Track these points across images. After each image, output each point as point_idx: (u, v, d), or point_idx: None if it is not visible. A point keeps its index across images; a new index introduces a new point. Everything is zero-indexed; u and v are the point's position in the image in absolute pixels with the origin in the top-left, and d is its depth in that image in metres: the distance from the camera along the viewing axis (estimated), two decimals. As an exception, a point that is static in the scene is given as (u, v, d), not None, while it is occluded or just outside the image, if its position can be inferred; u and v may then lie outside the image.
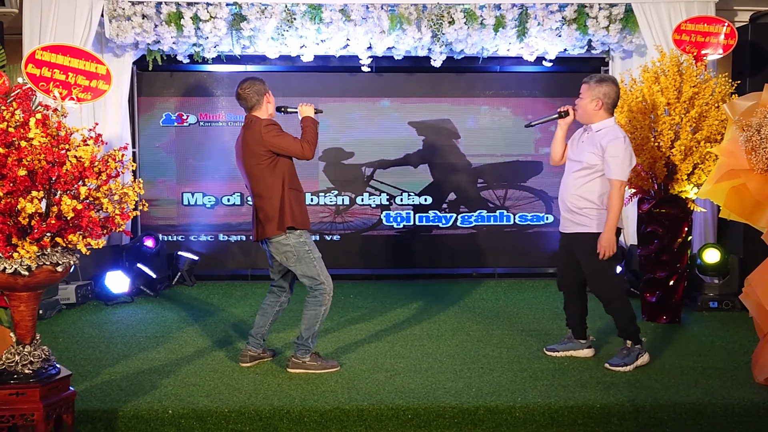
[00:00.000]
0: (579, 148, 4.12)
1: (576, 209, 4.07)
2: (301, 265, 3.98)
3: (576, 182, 4.07)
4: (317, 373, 3.97)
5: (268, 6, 5.90)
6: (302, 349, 4.04)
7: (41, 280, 2.91)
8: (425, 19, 5.96)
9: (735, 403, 3.52)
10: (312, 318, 4.01)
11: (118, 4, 5.84)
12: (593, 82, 4.07)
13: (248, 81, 4.07)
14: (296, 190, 4.03)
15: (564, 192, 4.15)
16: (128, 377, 3.94)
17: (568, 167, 4.19)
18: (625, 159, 3.94)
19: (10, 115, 2.84)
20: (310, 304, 4.03)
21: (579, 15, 6.02)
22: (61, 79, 4.91)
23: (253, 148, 3.94)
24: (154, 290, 6.12)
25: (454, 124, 6.97)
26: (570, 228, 4.13)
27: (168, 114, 6.84)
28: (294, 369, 4.03)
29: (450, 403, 3.52)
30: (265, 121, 3.98)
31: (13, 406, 2.92)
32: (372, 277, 6.94)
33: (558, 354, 4.27)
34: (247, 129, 4.01)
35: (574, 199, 4.07)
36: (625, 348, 4.11)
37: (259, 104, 4.05)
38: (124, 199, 3.01)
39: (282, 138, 3.93)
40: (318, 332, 4.08)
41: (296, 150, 3.95)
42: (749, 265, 5.02)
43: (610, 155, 3.94)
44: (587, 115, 4.09)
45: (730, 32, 5.53)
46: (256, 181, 3.97)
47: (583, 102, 4.08)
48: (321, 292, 4.00)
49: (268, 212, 3.93)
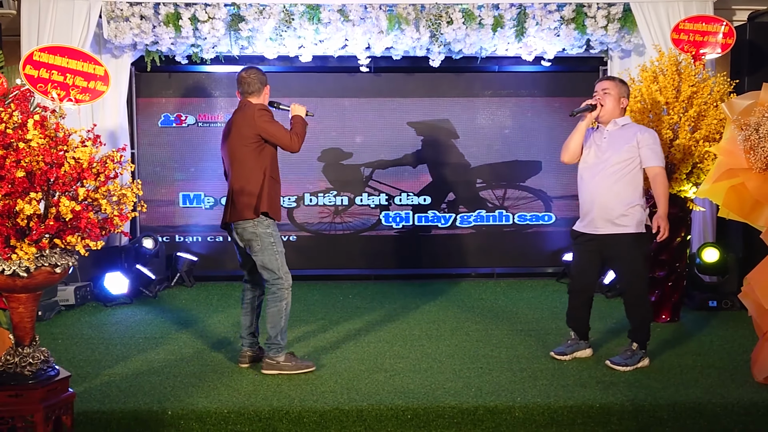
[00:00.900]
0: (605, 145, 4.06)
1: (616, 208, 4.00)
2: (263, 255, 3.94)
3: (614, 182, 4.00)
4: (292, 374, 3.92)
5: (267, 6, 5.89)
6: (274, 348, 3.98)
7: (40, 281, 2.90)
8: (423, 19, 5.96)
9: (734, 402, 3.52)
10: (275, 315, 3.97)
11: (116, 5, 5.84)
12: (618, 82, 4.12)
13: (254, 68, 4.11)
14: (276, 180, 4.02)
15: (596, 194, 4.04)
16: (127, 378, 3.94)
17: (593, 169, 4.08)
18: (659, 147, 4.05)
19: (9, 116, 2.83)
20: (270, 301, 3.99)
21: (577, 14, 6.02)
22: (60, 81, 4.91)
23: (242, 130, 3.93)
24: (153, 291, 6.12)
25: (452, 124, 6.97)
26: (606, 229, 4.04)
27: (166, 115, 6.84)
28: (268, 370, 3.97)
29: (449, 403, 3.52)
30: (260, 105, 4.00)
31: (12, 407, 2.92)
32: (371, 278, 6.94)
33: (567, 357, 4.24)
34: (239, 111, 4.02)
35: (614, 200, 4.00)
36: (629, 349, 4.11)
37: (259, 92, 4.07)
38: (123, 200, 3.00)
39: (273, 125, 3.95)
40: (286, 328, 4.01)
41: (285, 139, 3.97)
42: (748, 264, 5.01)
43: (646, 145, 3.99)
44: (612, 113, 4.08)
45: (728, 31, 5.53)
46: (239, 164, 3.95)
47: (611, 98, 4.06)
48: (279, 288, 3.96)
49: (245, 196, 3.91)
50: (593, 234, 4.11)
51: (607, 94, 4.07)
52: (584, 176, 4.16)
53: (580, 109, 4.13)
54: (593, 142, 4.13)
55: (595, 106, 4.09)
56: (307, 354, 4.39)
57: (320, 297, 6.15)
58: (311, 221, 6.99)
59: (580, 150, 4.17)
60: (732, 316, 5.31)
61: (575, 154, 4.18)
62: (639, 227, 4.01)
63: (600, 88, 4.12)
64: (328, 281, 6.83)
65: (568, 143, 4.18)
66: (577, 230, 4.23)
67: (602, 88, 4.11)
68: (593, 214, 4.08)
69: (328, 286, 6.64)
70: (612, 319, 5.16)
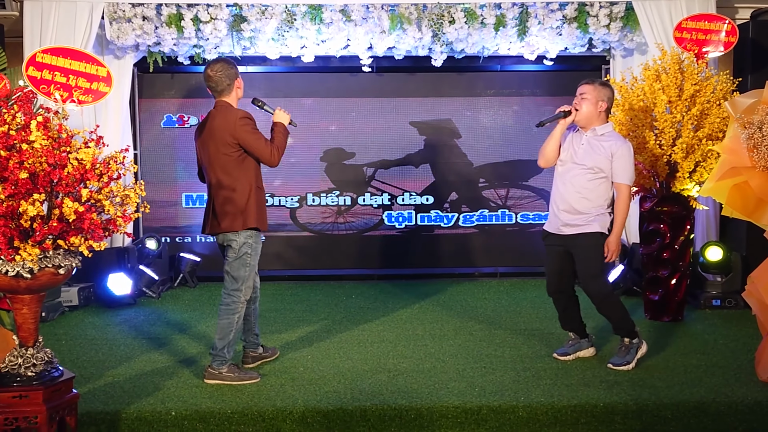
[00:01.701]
0: (581, 151, 4.03)
1: (583, 211, 4.01)
2: (234, 263, 3.83)
3: (583, 185, 4.00)
4: (234, 385, 3.80)
5: (269, 7, 5.90)
6: (218, 359, 3.84)
7: (43, 282, 2.91)
8: (426, 19, 5.95)
9: (738, 401, 3.51)
10: (225, 327, 3.84)
11: (118, 6, 5.85)
12: (598, 84, 4.04)
13: (220, 63, 3.84)
14: (261, 189, 3.90)
15: (567, 195, 4.06)
16: (131, 379, 3.94)
17: (567, 170, 4.08)
18: (631, 164, 4.01)
19: (12, 117, 2.84)
20: (223, 312, 3.85)
21: (579, 13, 6.02)
22: (62, 82, 4.91)
23: (223, 137, 3.75)
24: (156, 292, 6.13)
25: (455, 124, 6.97)
26: (569, 230, 4.06)
27: (169, 115, 6.85)
28: (210, 380, 3.84)
29: (453, 402, 3.52)
30: (242, 113, 3.79)
31: (16, 408, 2.93)
32: (374, 277, 6.94)
33: (569, 357, 4.23)
34: (218, 115, 3.81)
35: (582, 203, 4.01)
36: (623, 345, 4.10)
37: (229, 89, 3.84)
38: (126, 201, 3.01)
39: (255, 136, 3.76)
40: (234, 342, 3.88)
41: (265, 154, 3.77)
42: (752, 262, 5.01)
43: (618, 160, 3.96)
44: (589, 117, 4.02)
45: (731, 30, 5.52)
46: (222, 172, 3.79)
47: (588, 103, 4.01)
48: (234, 300, 3.84)
49: (232, 207, 3.77)
50: (557, 234, 4.13)
51: (584, 99, 4.03)
52: (557, 176, 4.16)
53: (551, 117, 4.10)
54: (571, 144, 4.10)
55: (569, 113, 4.06)
56: (310, 354, 4.39)
57: (323, 297, 6.16)
58: (314, 221, 6.99)
59: (556, 155, 4.15)
60: (736, 315, 5.30)
61: (551, 159, 4.16)
62: (600, 227, 4.00)
63: (579, 92, 4.08)
64: (330, 281, 6.83)
65: (544, 148, 4.15)
66: (546, 230, 4.24)
67: (580, 92, 4.06)
68: (559, 214, 4.10)
69: (330, 286, 6.64)
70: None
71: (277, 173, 6.86)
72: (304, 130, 6.91)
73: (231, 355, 3.90)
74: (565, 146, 4.13)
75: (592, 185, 4.00)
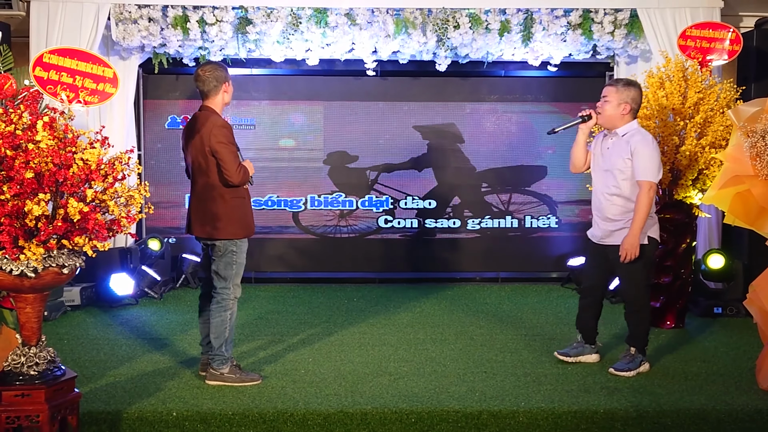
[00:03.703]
0: (608, 156, 4.02)
1: (614, 218, 4.01)
2: (220, 262, 3.84)
3: (610, 190, 4.00)
4: (235, 386, 3.83)
5: (274, 10, 5.91)
6: (218, 360, 3.85)
7: (47, 282, 2.92)
8: (430, 24, 5.97)
9: (739, 409, 3.52)
10: (219, 325, 3.84)
11: (124, 7, 5.86)
12: (621, 86, 4.00)
13: (210, 65, 3.88)
14: (244, 198, 3.89)
15: (599, 202, 4.07)
16: (133, 379, 3.95)
17: (599, 178, 4.08)
18: (653, 159, 3.90)
19: (18, 117, 2.86)
20: (215, 311, 3.86)
21: (584, 20, 6.02)
22: (69, 82, 4.92)
23: (202, 144, 3.77)
24: (158, 292, 6.14)
25: (458, 128, 6.98)
26: (610, 240, 4.04)
27: (173, 117, 6.86)
28: (212, 381, 3.85)
29: (453, 407, 3.52)
30: (221, 121, 3.80)
31: (18, 407, 2.94)
32: (375, 281, 6.94)
33: (570, 359, 4.25)
34: (200, 120, 3.82)
35: (612, 209, 4.00)
36: (628, 354, 4.11)
37: (216, 91, 3.83)
38: (130, 202, 3.02)
39: (226, 148, 3.73)
40: (231, 339, 3.89)
41: (231, 169, 3.72)
42: (754, 270, 5.01)
43: (637, 156, 3.90)
44: (612, 120, 4.00)
45: (735, 38, 5.52)
46: (204, 177, 3.82)
47: (610, 105, 3.98)
48: (224, 297, 3.85)
49: (214, 214, 3.80)
50: (598, 243, 4.14)
51: (606, 101, 4.01)
52: (593, 183, 4.16)
53: (567, 124, 4.09)
54: (600, 148, 4.11)
55: (588, 117, 4.06)
56: (312, 356, 4.40)
57: (325, 300, 6.16)
58: (316, 224, 7.00)
59: (583, 160, 4.17)
60: (737, 323, 5.29)
61: (579, 164, 4.20)
62: (642, 238, 3.96)
63: (602, 94, 4.07)
64: (332, 284, 6.83)
65: (571, 154, 4.20)
66: (588, 236, 4.26)
67: (603, 95, 4.05)
68: (597, 222, 4.12)
69: (332, 288, 6.64)
70: (617, 325, 5.14)
71: (280, 175, 6.87)
72: (307, 133, 6.94)
73: (230, 353, 3.91)
74: (595, 152, 4.13)
75: (619, 189, 3.97)
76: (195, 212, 3.92)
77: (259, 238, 6.80)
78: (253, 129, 6.89)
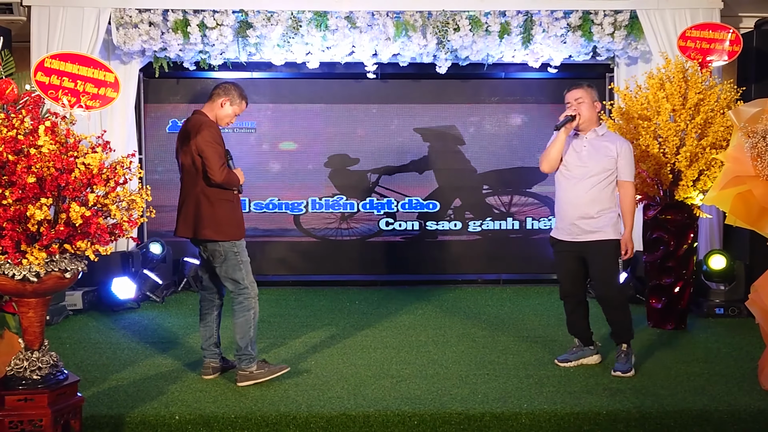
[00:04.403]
0: (585, 154, 4.08)
1: (596, 215, 4.05)
2: (226, 266, 3.86)
3: (592, 190, 4.05)
4: (268, 380, 3.86)
5: (274, 13, 5.93)
6: (245, 359, 3.88)
7: (50, 286, 2.93)
8: (430, 26, 5.98)
9: (741, 410, 3.51)
10: (243, 325, 3.87)
11: (125, 11, 5.88)
12: (586, 87, 4.15)
13: (225, 85, 4.00)
14: (229, 200, 3.87)
15: (578, 200, 4.08)
16: (135, 383, 3.95)
17: (574, 176, 4.11)
18: (633, 161, 4.15)
19: (20, 122, 2.86)
20: (238, 311, 3.89)
21: (584, 22, 6.03)
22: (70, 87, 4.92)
23: (190, 145, 3.81)
24: (159, 296, 6.14)
25: (459, 131, 6.99)
26: (584, 236, 4.09)
27: (174, 121, 6.88)
28: (243, 382, 3.86)
29: (456, 409, 3.52)
30: (210, 122, 3.86)
31: (21, 411, 2.94)
32: (377, 283, 6.95)
33: (571, 364, 4.24)
34: (191, 122, 3.90)
35: (594, 206, 4.05)
36: (622, 352, 4.13)
37: (214, 98, 3.95)
38: (132, 206, 3.03)
39: (212, 147, 3.77)
40: (255, 338, 3.92)
41: (214, 167, 3.73)
42: (755, 271, 5.01)
43: (623, 158, 4.07)
44: (589, 120, 4.10)
45: (735, 39, 5.52)
46: (192, 178, 3.85)
47: (586, 106, 4.08)
48: (246, 297, 3.89)
49: (202, 216, 3.81)
50: (572, 240, 4.15)
51: (581, 102, 4.09)
52: (563, 183, 4.18)
53: (562, 122, 4.12)
54: (573, 149, 4.14)
55: (574, 117, 4.10)
56: (314, 359, 4.40)
57: (327, 302, 6.17)
58: (317, 227, 7.01)
59: (559, 159, 4.18)
60: (739, 323, 5.29)
61: (555, 163, 4.19)
62: (615, 233, 4.07)
63: (572, 98, 4.12)
64: (334, 287, 6.84)
65: (549, 153, 4.16)
66: (555, 237, 4.26)
67: (575, 98, 4.12)
68: (572, 221, 4.12)
69: (334, 291, 6.65)
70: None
71: (281, 178, 6.88)
72: (308, 136, 6.94)
73: (255, 351, 3.94)
74: (566, 153, 4.15)
75: (600, 187, 4.06)
76: (182, 213, 3.94)
77: (260, 241, 6.82)
78: (254, 132, 6.91)
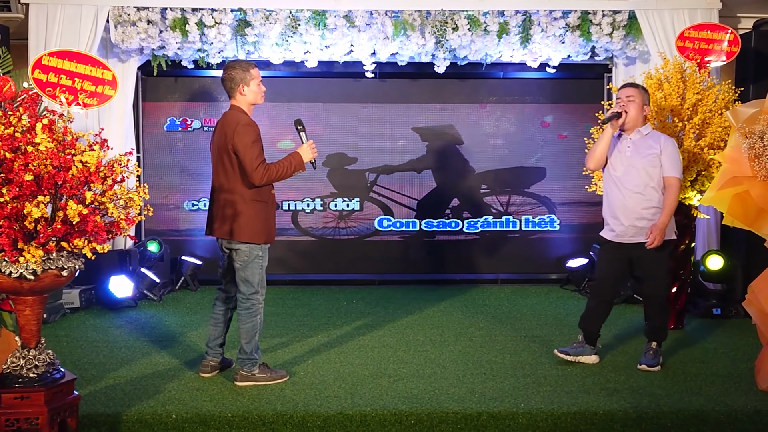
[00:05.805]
0: (630, 155, 4.09)
1: (646, 215, 4.08)
2: (247, 269, 3.83)
3: (641, 190, 4.08)
4: (267, 385, 3.86)
5: (273, 12, 5.92)
6: (248, 362, 3.89)
7: (47, 284, 2.92)
8: (429, 26, 5.97)
9: (738, 410, 3.52)
10: (250, 330, 3.87)
11: (123, 9, 5.87)
12: (642, 89, 4.14)
13: (229, 66, 3.83)
14: (267, 202, 3.86)
15: (628, 200, 4.09)
16: (132, 381, 3.95)
17: (618, 177, 4.12)
18: (679, 157, 4.13)
19: (17, 120, 2.86)
20: (244, 316, 3.87)
21: (582, 22, 6.04)
22: (68, 85, 4.92)
23: (224, 142, 3.75)
24: (157, 295, 6.13)
25: (457, 130, 6.99)
26: (637, 237, 4.10)
27: (172, 119, 6.87)
28: (243, 382, 3.87)
29: (453, 408, 3.52)
30: (245, 119, 3.77)
31: (17, 409, 2.94)
32: (375, 282, 6.95)
33: (569, 358, 4.26)
34: (224, 119, 3.83)
35: (644, 204, 4.08)
36: (652, 349, 4.22)
37: (234, 92, 3.82)
38: (130, 204, 3.02)
39: (249, 145, 3.69)
40: (259, 342, 3.93)
41: (250, 167, 3.68)
42: (752, 271, 4.99)
43: (668, 154, 4.07)
44: (634, 120, 4.10)
45: (733, 39, 5.53)
46: (225, 177, 3.79)
47: (635, 106, 4.08)
48: (254, 303, 3.87)
49: (235, 216, 3.76)
50: (623, 242, 4.15)
51: (632, 101, 4.09)
52: (611, 184, 4.19)
53: (608, 117, 4.11)
54: (617, 150, 4.17)
55: (620, 114, 4.10)
56: (311, 358, 4.40)
57: (324, 301, 6.16)
58: (315, 226, 7.00)
59: (605, 157, 4.19)
60: (736, 323, 5.30)
61: (601, 160, 4.19)
62: (669, 234, 4.10)
63: (624, 94, 4.13)
64: (332, 286, 6.84)
65: (595, 150, 4.18)
66: (605, 237, 4.26)
67: (626, 95, 4.11)
68: (622, 221, 4.13)
69: (332, 290, 6.65)
70: (618, 326, 5.17)
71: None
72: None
73: (259, 355, 3.95)
74: (611, 154, 4.17)
75: (648, 188, 4.08)
76: (215, 212, 3.87)
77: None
78: (252, 131, 6.90)
